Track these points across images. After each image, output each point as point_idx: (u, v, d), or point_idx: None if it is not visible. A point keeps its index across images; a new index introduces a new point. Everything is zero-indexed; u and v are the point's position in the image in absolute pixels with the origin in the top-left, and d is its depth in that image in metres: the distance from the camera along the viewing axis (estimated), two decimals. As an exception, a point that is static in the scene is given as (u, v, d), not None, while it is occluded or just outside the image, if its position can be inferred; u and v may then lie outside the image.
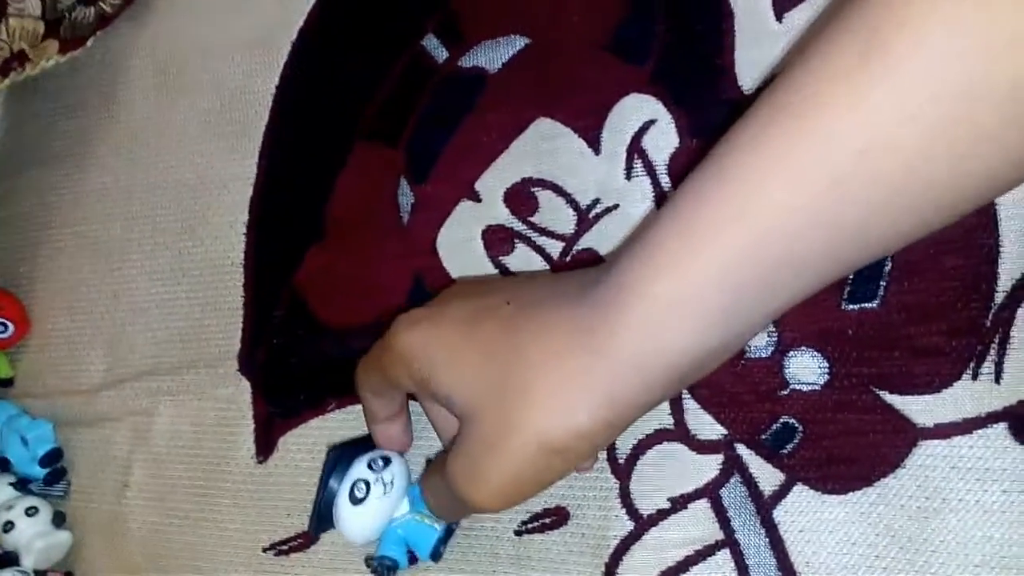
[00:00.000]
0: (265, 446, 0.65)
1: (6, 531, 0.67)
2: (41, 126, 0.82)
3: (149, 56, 0.78)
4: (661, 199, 0.55)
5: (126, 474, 0.69)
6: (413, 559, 0.56)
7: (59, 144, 0.81)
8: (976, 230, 0.44)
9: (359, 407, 0.62)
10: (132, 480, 0.69)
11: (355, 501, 0.53)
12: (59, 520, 0.69)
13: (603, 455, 0.52)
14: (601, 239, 0.57)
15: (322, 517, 0.55)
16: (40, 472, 0.70)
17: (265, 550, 0.62)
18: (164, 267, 0.72)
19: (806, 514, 0.46)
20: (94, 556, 0.69)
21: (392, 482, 0.54)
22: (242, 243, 0.69)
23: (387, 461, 0.55)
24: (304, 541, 0.61)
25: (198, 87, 0.75)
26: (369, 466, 0.55)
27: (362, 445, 0.57)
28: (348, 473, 0.54)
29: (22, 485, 0.70)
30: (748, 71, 0.54)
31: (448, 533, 0.55)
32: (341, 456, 0.56)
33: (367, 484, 0.54)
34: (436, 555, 0.54)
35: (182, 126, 0.74)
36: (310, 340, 0.65)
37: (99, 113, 0.79)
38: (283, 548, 0.61)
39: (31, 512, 0.68)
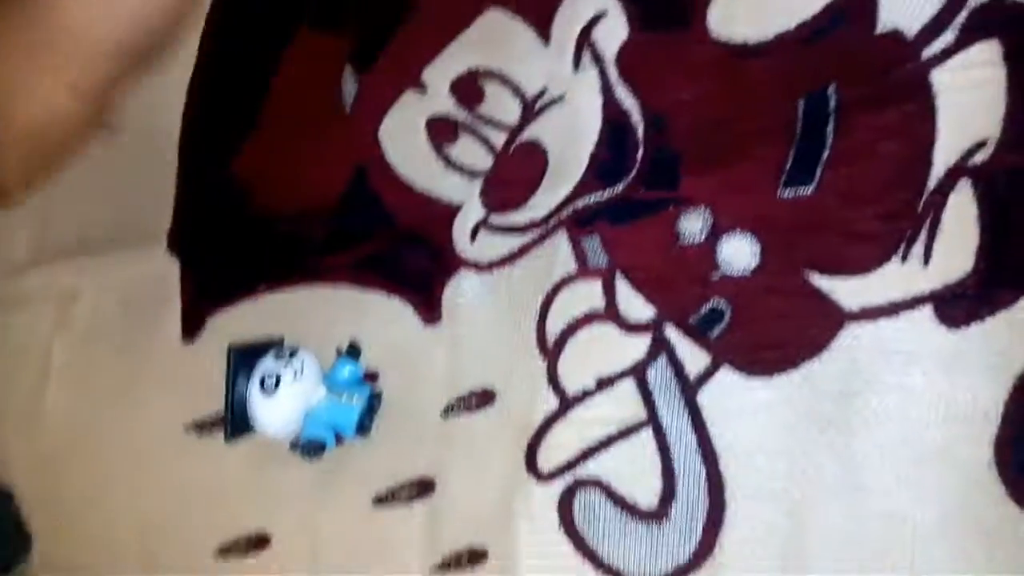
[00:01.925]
0: (192, 327, 0.64)
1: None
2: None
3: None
4: (607, 91, 0.55)
5: (48, 354, 0.68)
6: (341, 439, 0.56)
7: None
8: (913, 118, 0.45)
9: (291, 293, 0.62)
10: (54, 360, 0.68)
11: (267, 393, 0.53)
12: (-24, 397, 0.68)
13: (532, 336, 0.53)
14: (545, 131, 0.57)
15: (236, 419, 0.55)
16: (-42, 348, 0.69)
17: (188, 430, 0.61)
18: (96, 144, 0.70)
19: (730, 396, 0.47)
20: (12, 435, 0.68)
21: (302, 368, 0.54)
22: (178, 123, 0.67)
23: (293, 351, 0.55)
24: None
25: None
26: (275, 357, 0.54)
27: (266, 344, 0.57)
28: (255, 369, 0.54)
29: (-61, 360, 0.69)
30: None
31: (370, 409, 0.55)
32: (242, 353, 0.55)
33: (277, 375, 0.53)
34: (363, 430, 0.54)
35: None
36: (245, 222, 0.64)
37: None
38: (205, 428, 0.61)
39: (-53, 387, 0.67)
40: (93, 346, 0.67)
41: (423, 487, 0.53)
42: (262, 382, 0.53)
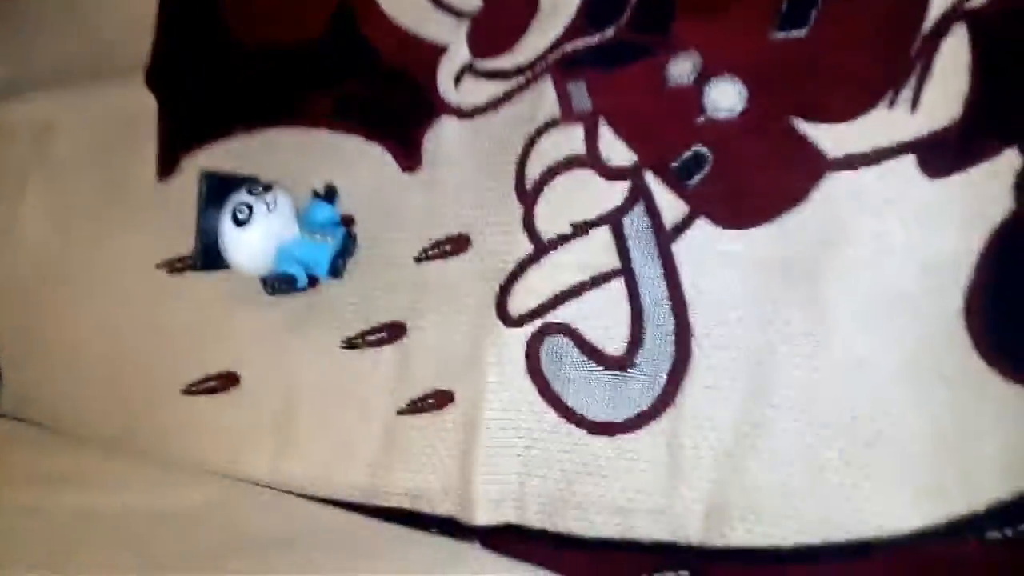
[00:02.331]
0: (167, 165, 0.63)
1: None
2: None
3: None
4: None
5: (23, 185, 0.67)
6: (314, 282, 0.55)
7: None
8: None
9: (267, 134, 0.61)
10: (28, 192, 0.67)
11: (239, 224, 0.52)
12: (-51, 227, 0.68)
13: (511, 182, 0.52)
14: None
15: (207, 248, 0.54)
16: (-68, 175, 0.68)
17: (159, 267, 0.61)
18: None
19: (705, 247, 0.47)
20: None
21: (275, 202, 0.53)
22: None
23: (267, 187, 0.54)
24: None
25: None
26: (249, 192, 0.53)
27: (239, 178, 0.56)
28: (228, 199, 0.53)
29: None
30: None
31: (344, 249, 0.54)
32: (216, 184, 0.54)
33: (249, 207, 0.53)
34: (335, 271, 0.54)
35: None
36: (224, 58, 0.63)
37: None
38: (177, 266, 0.60)
39: (-81, 214, 0.66)
40: (67, 180, 0.67)
41: (395, 331, 0.53)
42: (235, 214, 0.52)
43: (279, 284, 0.53)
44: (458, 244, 0.53)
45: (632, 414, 0.46)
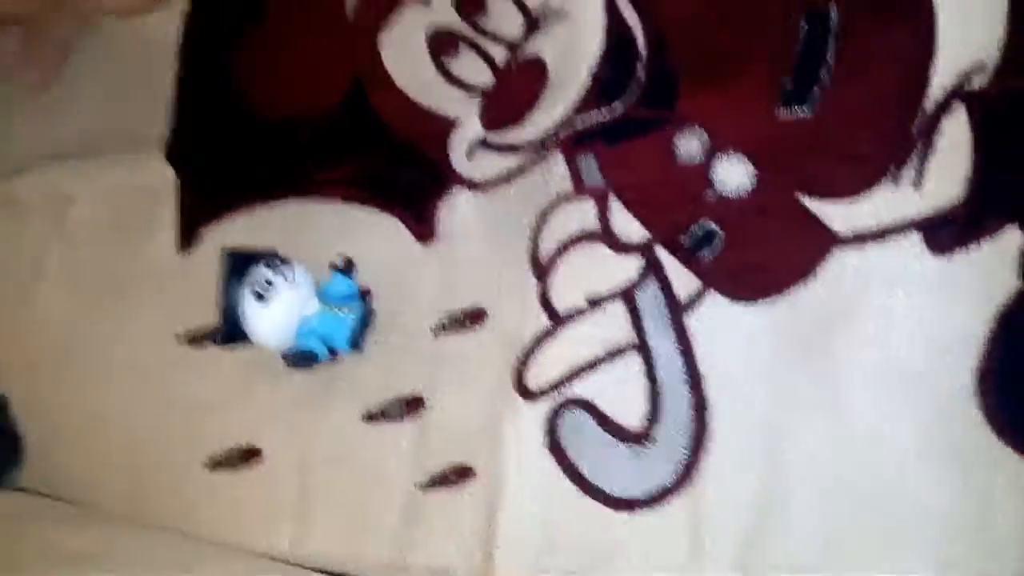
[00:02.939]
0: (187, 237, 0.65)
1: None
2: None
3: None
4: (611, 6, 0.55)
5: (41, 262, 0.69)
6: (333, 353, 0.57)
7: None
8: (912, 38, 0.45)
9: (285, 206, 0.62)
10: (47, 269, 0.69)
11: (260, 299, 0.54)
12: (-30, 301, 0.69)
13: (525, 255, 0.53)
14: (546, 46, 0.57)
15: (230, 324, 0.55)
16: (-47, 251, 0.70)
17: (179, 340, 0.62)
18: (95, 44, 0.70)
19: (717, 321, 0.48)
20: (4, 342, 0.69)
21: (295, 278, 0.55)
22: (178, 23, 0.67)
23: (286, 261, 0.56)
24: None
25: None
26: (268, 267, 0.55)
27: (260, 253, 0.57)
28: (248, 275, 0.55)
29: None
30: None
31: (363, 324, 0.56)
32: (237, 261, 0.56)
33: (270, 283, 0.54)
34: (355, 344, 0.55)
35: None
36: (241, 131, 0.65)
37: None
38: (198, 338, 0.62)
39: (-59, 290, 0.68)
40: (87, 252, 0.68)
41: (413, 404, 0.54)
42: (255, 289, 0.54)
43: (300, 360, 0.55)
44: (475, 317, 0.54)
45: (653, 489, 0.47)
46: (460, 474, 0.52)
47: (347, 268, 0.58)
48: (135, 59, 0.69)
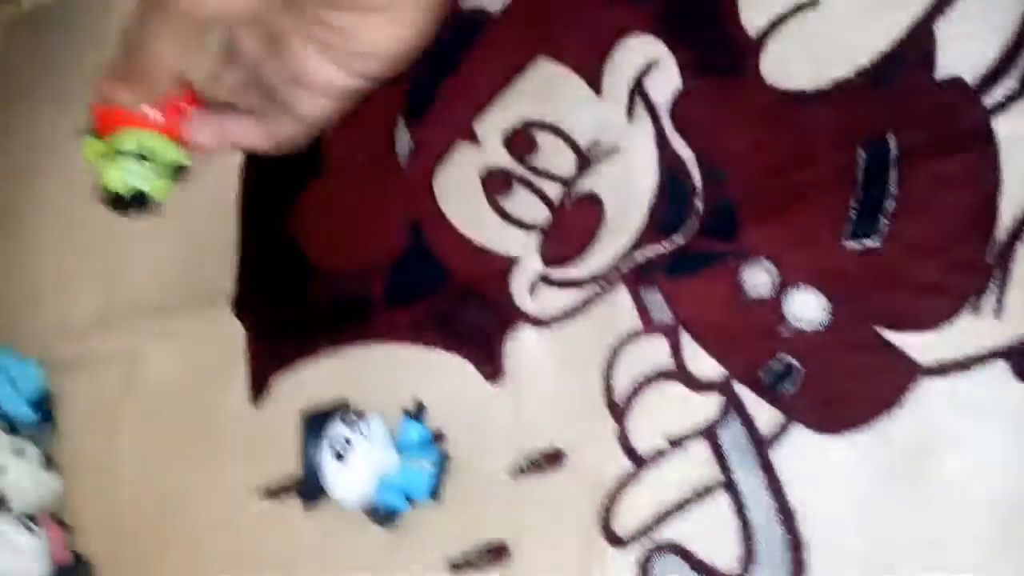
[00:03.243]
0: (259, 389, 0.65)
1: (-4, 472, 0.68)
2: (33, 63, 0.82)
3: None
4: (662, 141, 0.55)
5: (116, 416, 0.70)
6: (413, 503, 0.56)
7: (51, 80, 0.81)
8: (977, 166, 0.45)
9: (354, 350, 0.62)
10: (123, 423, 0.70)
11: (339, 459, 0.54)
12: (48, 463, 0.70)
13: (600, 395, 0.53)
14: (601, 182, 0.57)
15: (311, 486, 0.56)
16: (29, 414, 0.71)
17: (259, 494, 0.62)
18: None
19: (804, 455, 0.47)
20: (83, 500, 0.70)
21: (373, 432, 0.55)
22: (237, 181, 0.69)
23: (361, 415, 0.56)
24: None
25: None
26: (345, 423, 0.55)
27: (334, 408, 0.58)
28: (325, 435, 0.55)
29: (11, 427, 0.70)
30: (750, 11, 0.54)
31: (440, 469, 0.56)
32: (314, 420, 0.56)
33: (348, 440, 0.54)
34: (435, 494, 0.55)
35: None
36: (303, 283, 0.66)
37: (90, 49, 0.79)
38: (277, 492, 0.62)
39: (18, 453, 0.68)
40: (161, 408, 0.69)
41: (497, 552, 0.54)
42: (334, 448, 0.54)
43: (383, 517, 0.55)
44: (553, 459, 0.54)
45: (754, 633, 0.46)
46: (552, 623, 0.51)
47: (418, 413, 0.58)
48: (198, 213, 0.70)
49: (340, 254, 0.65)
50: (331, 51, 0.49)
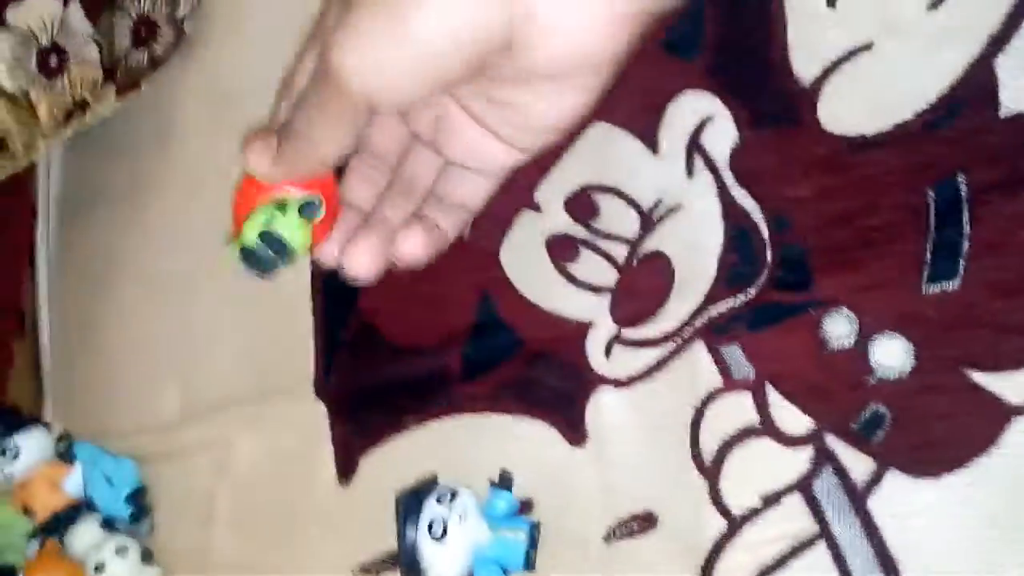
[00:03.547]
0: (346, 468, 0.66)
1: (98, 572, 0.69)
2: (102, 168, 0.84)
3: (201, 95, 0.79)
4: (724, 195, 0.55)
5: (210, 506, 0.71)
6: (507, 573, 0.56)
7: (120, 185, 0.83)
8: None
9: (437, 423, 0.63)
10: (216, 511, 0.71)
11: (437, 540, 0.54)
12: (148, 557, 0.71)
13: (688, 454, 0.52)
14: (667, 240, 0.57)
15: (410, 565, 0.56)
16: (126, 510, 0.72)
17: (354, 573, 0.63)
18: (232, 296, 0.73)
19: (901, 501, 0.46)
20: (184, 589, 0.71)
21: (465, 511, 0.55)
22: (308, 267, 0.70)
23: (454, 493, 0.56)
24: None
25: (251, 123, 0.76)
26: (438, 501, 0.56)
27: (426, 486, 0.58)
28: (421, 516, 0.55)
29: (109, 524, 0.72)
30: (802, 60, 0.54)
31: (533, 541, 0.55)
32: (409, 501, 0.57)
33: (443, 520, 0.55)
34: (529, 564, 0.55)
35: (239, 161, 0.75)
36: (381, 362, 0.66)
37: (156, 152, 0.81)
38: (371, 569, 0.62)
39: (121, 551, 0.70)
40: (253, 492, 0.70)
41: (598, 617, 0.53)
42: (430, 528, 0.54)
43: (484, 592, 0.55)
44: (645, 522, 0.53)
45: None
46: None
47: (505, 482, 0.58)
48: (274, 300, 0.71)
49: (414, 330, 0.65)
50: (502, 128, 0.46)
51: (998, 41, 0.47)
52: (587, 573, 0.55)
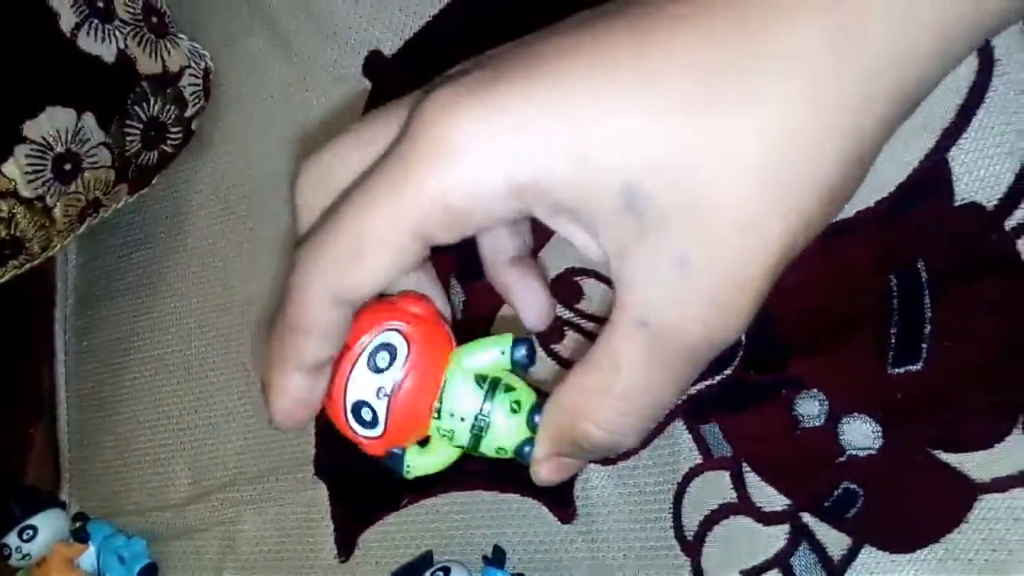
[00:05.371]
0: (345, 545, 0.64)
1: (110, 647, 0.67)
2: (114, 259, 0.84)
3: (210, 188, 0.79)
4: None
5: (218, 580, 0.69)
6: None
7: (132, 274, 0.82)
8: (1007, 289, 0.44)
9: (432, 501, 0.61)
10: (225, 587, 0.69)
11: None
12: (158, 632, 0.69)
13: (670, 530, 0.51)
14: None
15: None
16: (138, 588, 0.71)
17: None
18: (239, 380, 0.72)
19: (877, 574, 0.45)
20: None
21: None
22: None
23: (447, 570, 0.55)
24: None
25: (258, 215, 0.76)
26: None
27: (421, 563, 0.57)
28: None
29: (122, 602, 0.70)
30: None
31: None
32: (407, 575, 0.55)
33: None
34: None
35: (246, 250, 0.75)
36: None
37: (167, 243, 0.81)
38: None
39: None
40: (258, 569, 0.68)
41: None
42: (425, 604, 0.53)
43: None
44: (631, 597, 0.52)
45: None
46: None
47: (498, 559, 0.57)
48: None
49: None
50: None
51: (951, 134, 0.47)
52: (578, 648, 0.53)
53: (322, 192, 0.28)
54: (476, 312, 0.63)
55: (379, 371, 0.28)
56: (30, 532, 0.71)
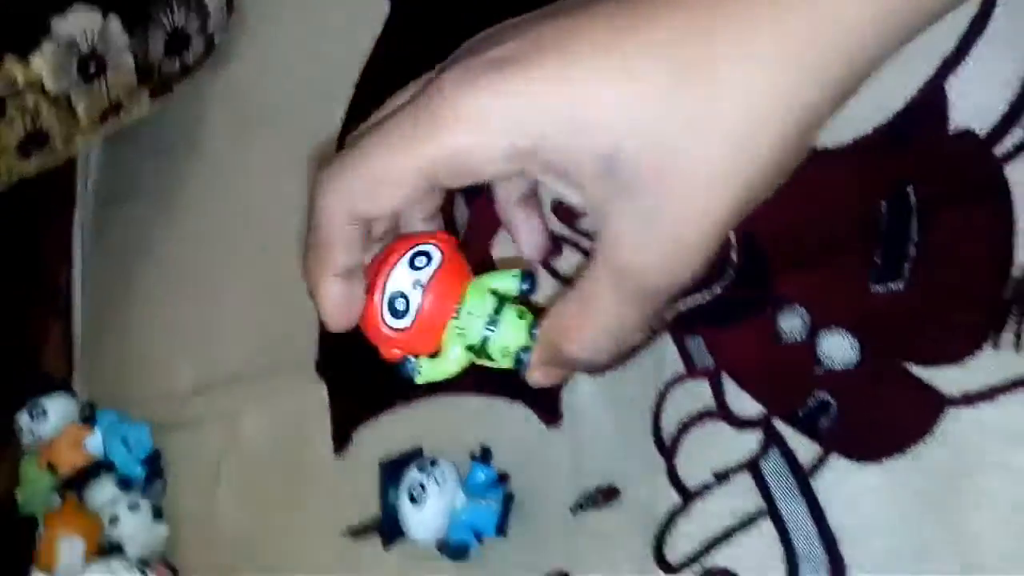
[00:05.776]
0: (341, 442, 0.66)
1: (112, 524, 0.69)
2: (136, 164, 0.85)
3: (228, 102, 0.80)
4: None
5: (216, 471, 0.71)
6: (481, 539, 0.56)
7: (152, 180, 0.84)
8: (991, 214, 0.44)
9: (425, 402, 0.63)
10: (222, 476, 0.71)
11: (416, 503, 0.54)
12: (158, 515, 0.71)
13: (649, 435, 0.52)
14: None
15: (390, 526, 0.56)
16: (141, 472, 0.72)
17: (344, 535, 0.63)
18: (246, 285, 0.74)
19: (843, 482, 0.46)
20: (188, 546, 0.71)
21: (444, 476, 0.55)
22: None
23: (433, 462, 0.56)
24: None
25: (274, 130, 0.76)
26: (419, 469, 0.56)
27: (409, 456, 0.58)
28: (402, 482, 0.56)
29: (125, 483, 0.72)
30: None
31: (505, 508, 0.55)
32: (391, 468, 0.57)
33: (422, 485, 0.55)
34: (502, 530, 0.55)
35: (261, 164, 0.76)
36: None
37: (186, 153, 0.82)
38: (360, 532, 0.62)
39: (133, 508, 0.70)
40: (256, 462, 0.70)
41: (561, 580, 0.53)
42: (410, 493, 0.54)
43: (455, 552, 0.54)
44: (608, 495, 0.53)
45: (802, 654, 0.45)
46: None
47: (485, 457, 0.58)
48: (284, 287, 0.71)
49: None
50: None
51: (949, 63, 0.47)
52: (555, 540, 0.55)
53: None
54: (479, 227, 0.64)
55: (416, 269, 0.34)
56: (40, 411, 0.72)
